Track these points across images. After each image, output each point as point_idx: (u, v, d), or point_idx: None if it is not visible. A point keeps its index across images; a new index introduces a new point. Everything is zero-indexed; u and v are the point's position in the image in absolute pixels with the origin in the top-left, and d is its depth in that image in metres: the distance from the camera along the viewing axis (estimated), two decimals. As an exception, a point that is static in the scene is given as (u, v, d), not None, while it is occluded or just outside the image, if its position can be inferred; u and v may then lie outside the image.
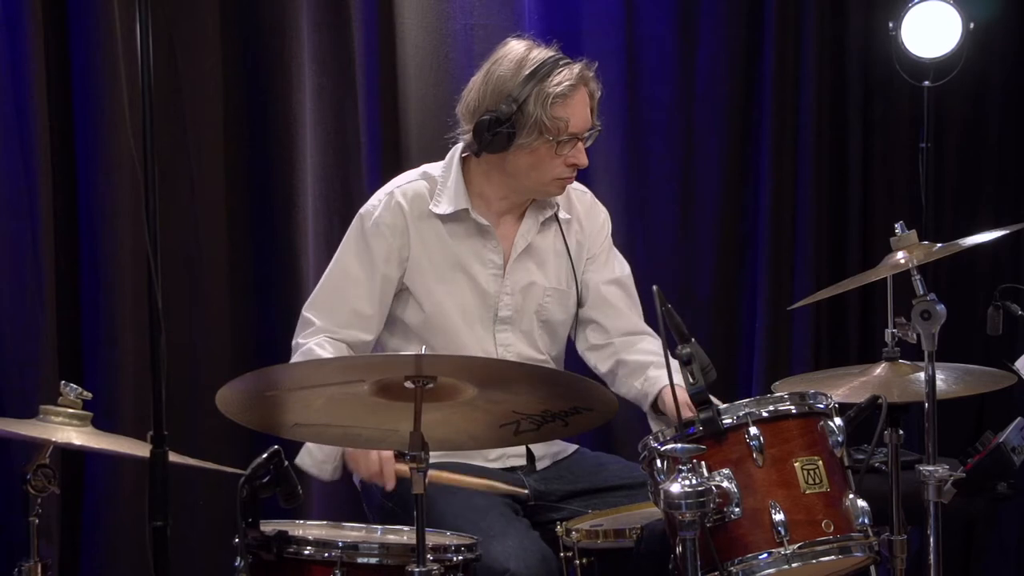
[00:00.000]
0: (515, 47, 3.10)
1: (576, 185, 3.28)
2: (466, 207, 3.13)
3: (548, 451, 3.21)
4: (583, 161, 3.10)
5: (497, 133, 3.04)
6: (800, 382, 3.11)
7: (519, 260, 3.20)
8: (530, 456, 3.17)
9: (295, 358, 3.08)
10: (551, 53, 3.08)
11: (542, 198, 3.21)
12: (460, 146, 3.18)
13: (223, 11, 3.69)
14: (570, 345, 3.34)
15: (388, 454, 2.86)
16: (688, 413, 2.75)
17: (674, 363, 2.57)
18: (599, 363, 3.27)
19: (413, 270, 3.13)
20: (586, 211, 3.32)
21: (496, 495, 2.98)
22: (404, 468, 2.85)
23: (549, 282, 3.23)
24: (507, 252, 3.19)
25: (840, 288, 3.03)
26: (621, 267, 3.35)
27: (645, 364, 3.18)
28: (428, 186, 3.16)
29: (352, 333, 3.09)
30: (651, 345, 3.24)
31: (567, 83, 3.03)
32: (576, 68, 3.06)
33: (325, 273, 3.18)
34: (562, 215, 3.24)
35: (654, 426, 3.18)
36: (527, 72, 3.03)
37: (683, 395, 2.91)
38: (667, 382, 3.01)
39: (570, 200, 3.28)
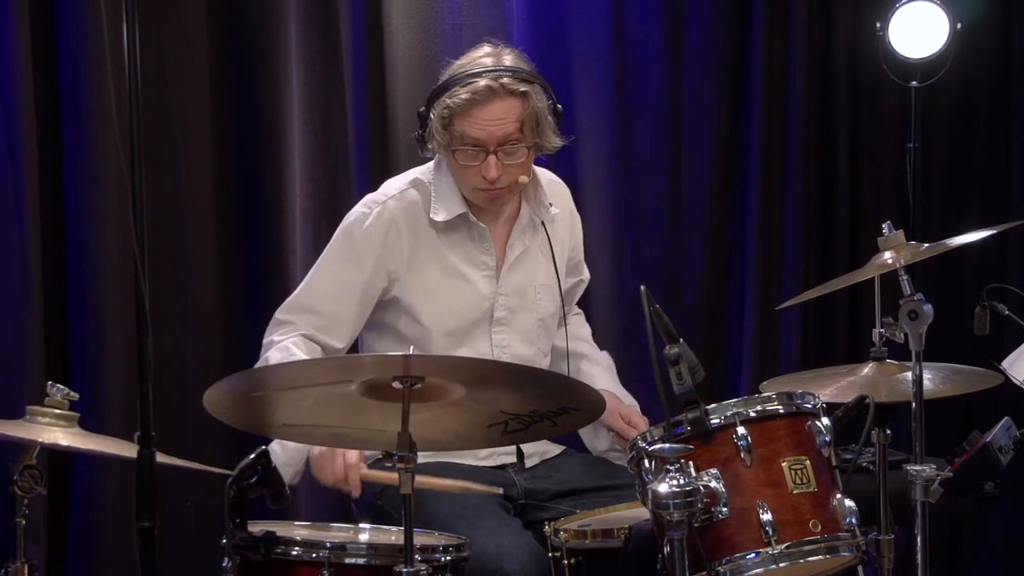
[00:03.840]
0: (472, 52, 3.11)
1: (558, 180, 3.32)
2: (464, 210, 3.13)
3: (537, 449, 3.22)
4: (491, 174, 3.02)
5: (420, 135, 3.10)
6: (788, 382, 3.11)
7: (513, 263, 3.21)
8: (519, 454, 3.18)
9: (269, 353, 3.06)
10: (486, 63, 3.03)
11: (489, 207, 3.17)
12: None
13: (210, 10, 3.68)
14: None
15: (353, 459, 2.84)
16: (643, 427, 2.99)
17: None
18: None
19: (406, 284, 3.12)
20: (570, 211, 3.37)
21: (481, 495, 2.99)
22: (372, 474, 2.86)
23: (538, 279, 3.25)
24: (499, 254, 3.20)
25: (828, 288, 3.04)
26: (584, 267, 3.46)
27: (577, 353, 3.33)
28: (420, 195, 3.15)
29: (326, 339, 3.09)
30: (578, 327, 3.42)
31: (463, 97, 2.98)
32: (483, 81, 2.98)
33: (305, 280, 3.18)
34: (553, 210, 3.25)
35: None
36: (443, 81, 3.05)
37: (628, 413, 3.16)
38: (598, 383, 3.18)
39: (554, 188, 3.30)
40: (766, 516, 2.40)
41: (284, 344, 3.04)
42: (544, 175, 3.28)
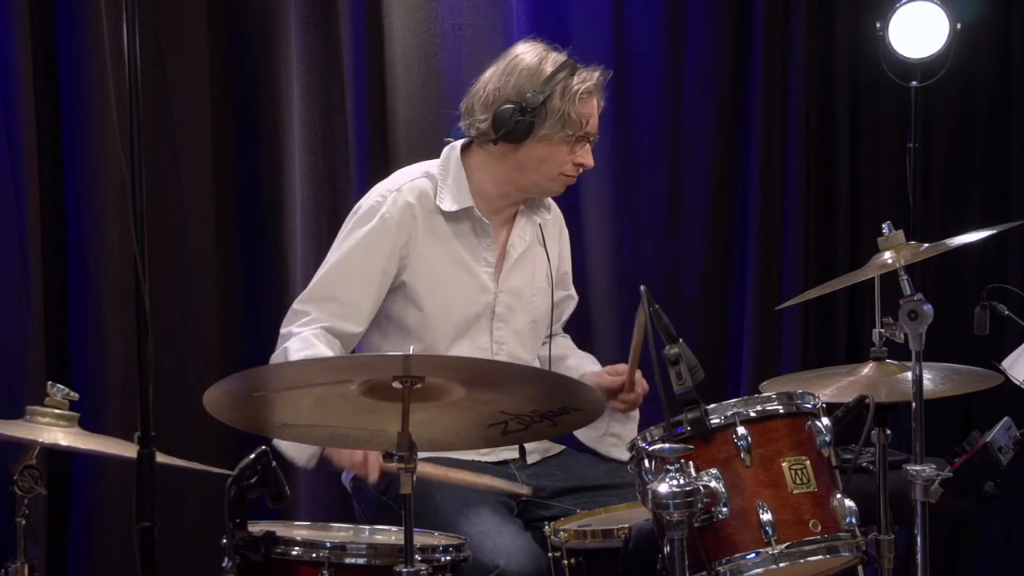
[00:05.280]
0: (534, 46, 3.20)
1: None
2: (470, 204, 3.16)
3: (538, 446, 3.23)
4: (590, 162, 3.21)
5: (519, 121, 3.11)
6: (788, 382, 3.12)
7: (514, 261, 3.24)
8: (521, 450, 3.19)
9: (288, 344, 3.06)
10: (567, 57, 3.19)
11: (541, 196, 3.27)
12: (458, 144, 3.22)
13: (210, 11, 3.69)
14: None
15: None
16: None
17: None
18: None
19: (415, 268, 3.14)
20: (560, 224, 3.42)
21: (493, 492, 3.00)
22: (388, 464, 2.86)
23: (536, 281, 3.28)
24: (500, 252, 3.23)
25: (828, 288, 3.04)
26: (573, 291, 3.50)
27: (561, 356, 3.37)
28: (431, 184, 3.18)
29: (345, 325, 3.10)
30: (562, 347, 3.44)
31: (591, 83, 3.16)
32: (597, 73, 3.19)
33: (322, 271, 3.17)
34: (547, 216, 3.32)
35: None
36: (552, 69, 3.13)
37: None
38: (586, 369, 3.29)
39: (546, 199, 3.35)
40: (766, 516, 2.40)
41: (305, 336, 3.05)
42: None
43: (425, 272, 3.15)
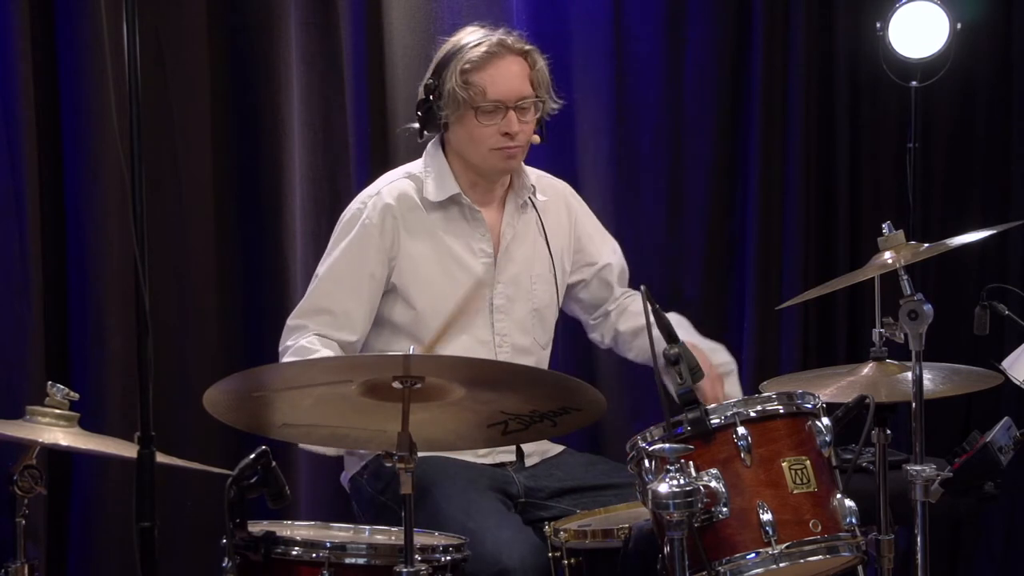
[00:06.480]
0: (458, 33, 3.20)
1: (550, 176, 3.36)
2: (457, 191, 3.16)
3: (537, 448, 3.22)
4: (513, 128, 3.11)
5: (429, 111, 3.13)
6: (788, 382, 3.11)
7: (508, 249, 3.22)
8: (519, 453, 3.18)
9: (286, 357, 3.07)
10: (486, 32, 3.15)
11: (496, 175, 3.23)
12: (436, 139, 3.24)
13: (210, 11, 3.69)
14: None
15: None
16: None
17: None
18: (604, 337, 3.42)
19: (404, 269, 3.14)
20: (564, 204, 3.38)
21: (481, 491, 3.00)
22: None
23: (534, 268, 3.27)
24: (495, 241, 3.22)
25: (828, 288, 3.04)
26: (613, 248, 3.44)
27: (640, 328, 3.28)
28: (413, 184, 3.19)
29: (340, 335, 3.11)
30: (633, 304, 3.38)
31: (481, 51, 3.09)
32: (495, 37, 3.13)
33: (313, 284, 3.18)
34: (539, 197, 3.28)
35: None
36: (450, 50, 3.12)
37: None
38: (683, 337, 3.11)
39: (545, 183, 3.34)
40: (766, 516, 2.40)
41: (300, 345, 3.06)
42: (534, 171, 3.33)
43: (412, 274, 3.14)
